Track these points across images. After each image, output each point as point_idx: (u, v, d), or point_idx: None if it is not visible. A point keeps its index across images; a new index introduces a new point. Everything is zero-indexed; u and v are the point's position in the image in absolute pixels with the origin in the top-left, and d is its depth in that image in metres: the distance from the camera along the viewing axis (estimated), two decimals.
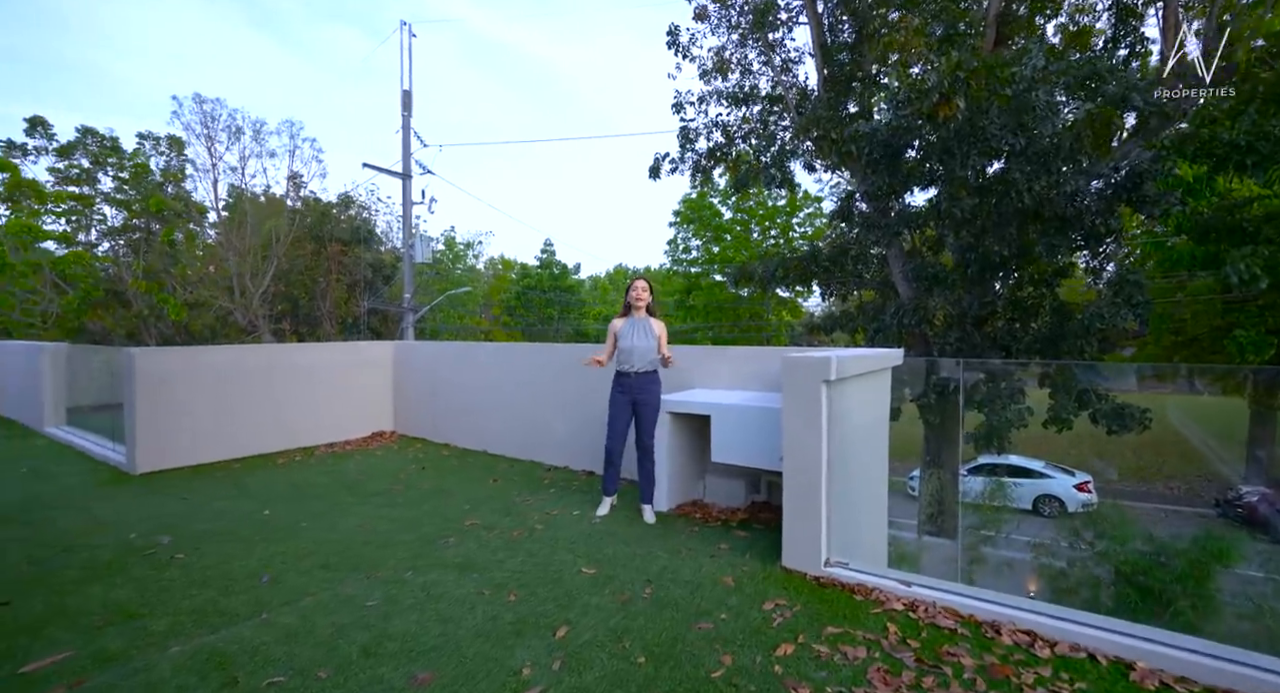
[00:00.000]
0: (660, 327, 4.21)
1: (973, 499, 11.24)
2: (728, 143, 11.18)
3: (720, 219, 28.12)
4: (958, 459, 10.49)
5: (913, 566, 8.60)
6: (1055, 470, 13.72)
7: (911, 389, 10.07)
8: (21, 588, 3.13)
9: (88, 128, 21.52)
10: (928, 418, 10.10)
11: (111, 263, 19.94)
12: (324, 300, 20.02)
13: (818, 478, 3.09)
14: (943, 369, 8.96)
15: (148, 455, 5.52)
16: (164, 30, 49.34)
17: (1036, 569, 9.86)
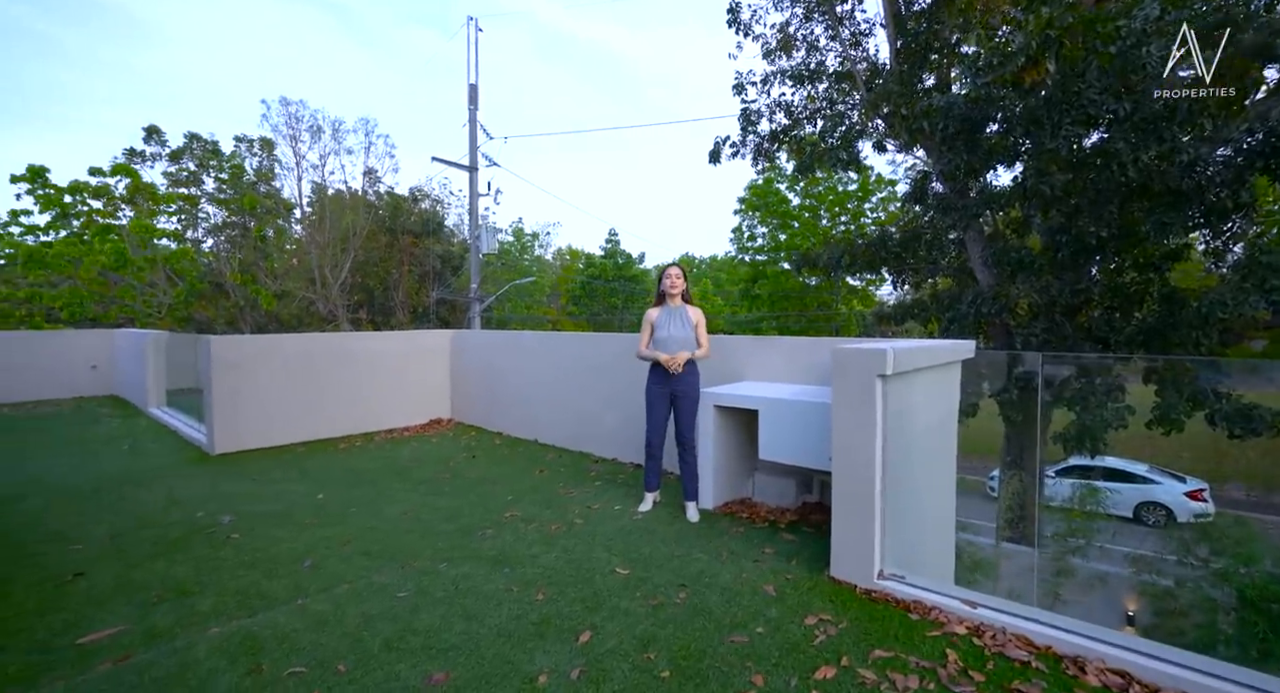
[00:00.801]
0: (697, 314, 4.01)
1: (1059, 503, 10.33)
2: (792, 124, 10.66)
3: (787, 205, 27.19)
4: (1039, 460, 9.66)
5: (988, 574, 7.99)
6: (1162, 475, 12.40)
7: (991, 383, 9.33)
8: (98, 561, 3.34)
9: (194, 134, 23.37)
10: (1008, 415, 9.33)
11: (213, 258, 21.62)
12: (397, 290, 20.92)
13: (870, 481, 2.81)
14: (1026, 362, 8.22)
15: (224, 437, 5.87)
16: (259, 38, 53.00)
17: (1135, 587, 8.94)
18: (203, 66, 53.44)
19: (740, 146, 10.76)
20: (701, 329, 3.97)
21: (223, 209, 23.60)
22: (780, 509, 4.03)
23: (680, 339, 3.90)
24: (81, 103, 52.81)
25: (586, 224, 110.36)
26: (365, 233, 20.38)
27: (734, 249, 29.55)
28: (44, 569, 3.24)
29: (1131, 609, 8.76)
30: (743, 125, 10.51)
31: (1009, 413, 9.44)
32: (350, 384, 6.73)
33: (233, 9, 52.77)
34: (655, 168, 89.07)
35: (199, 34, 52.26)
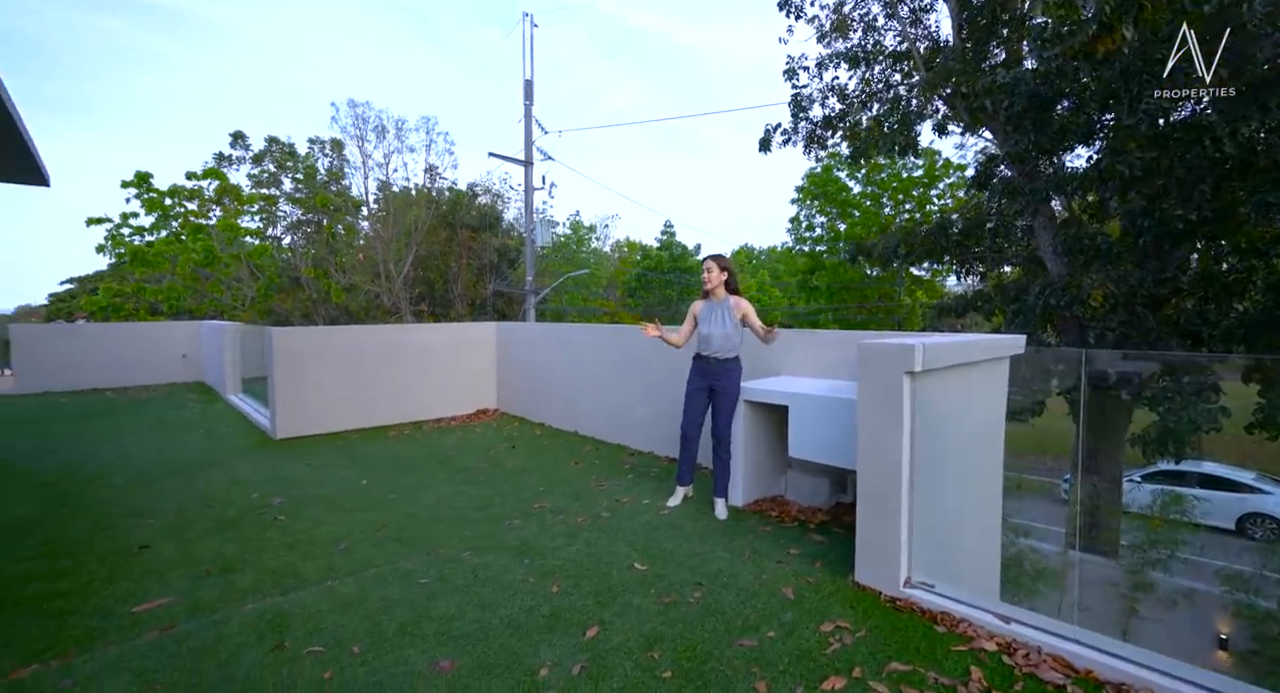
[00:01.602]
0: (742, 306, 3.83)
1: (1139, 510, 9.54)
2: (846, 109, 10.24)
3: (847, 193, 26.24)
4: (1119, 464, 8.94)
5: (1054, 584, 7.49)
6: (1273, 484, 11.22)
7: (1060, 381, 8.70)
8: (162, 535, 3.62)
9: (273, 137, 24.88)
10: (1080, 415, 8.68)
11: (289, 253, 23.01)
12: (456, 283, 21.61)
13: (896, 483, 2.67)
14: (1101, 358, 7.60)
15: (285, 423, 6.24)
16: (334, 42, 55.83)
17: (1230, 607, 8.15)
18: (283, 73, 56.85)
19: (791, 134, 10.44)
20: (751, 318, 3.77)
21: (298, 208, 25.04)
22: (812, 509, 3.90)
23: (720, 335, 3.79)
24: (180, 112, 57.27)
25: (645, 217, 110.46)
26: (426, 228, 21.14)
27: (791, 240, 28.81)
28: (117, 541, 3.54)
29: (1224, 632, 7.99)
30: (794, 112, 10.18)
31: (1081, 413, 8.79)
32: (401, 375, 7.00)
33: (311, 16, 55.76)
34: (714, 159, 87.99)
35: (280, 42, 55.54)
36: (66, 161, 62.93)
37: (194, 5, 57.15)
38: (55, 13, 55.29)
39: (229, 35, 53.58)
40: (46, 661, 2.31)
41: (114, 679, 2.17)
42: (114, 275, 22.74)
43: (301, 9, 57.84)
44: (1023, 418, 8.41)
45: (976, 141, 14.46)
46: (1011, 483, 8.30)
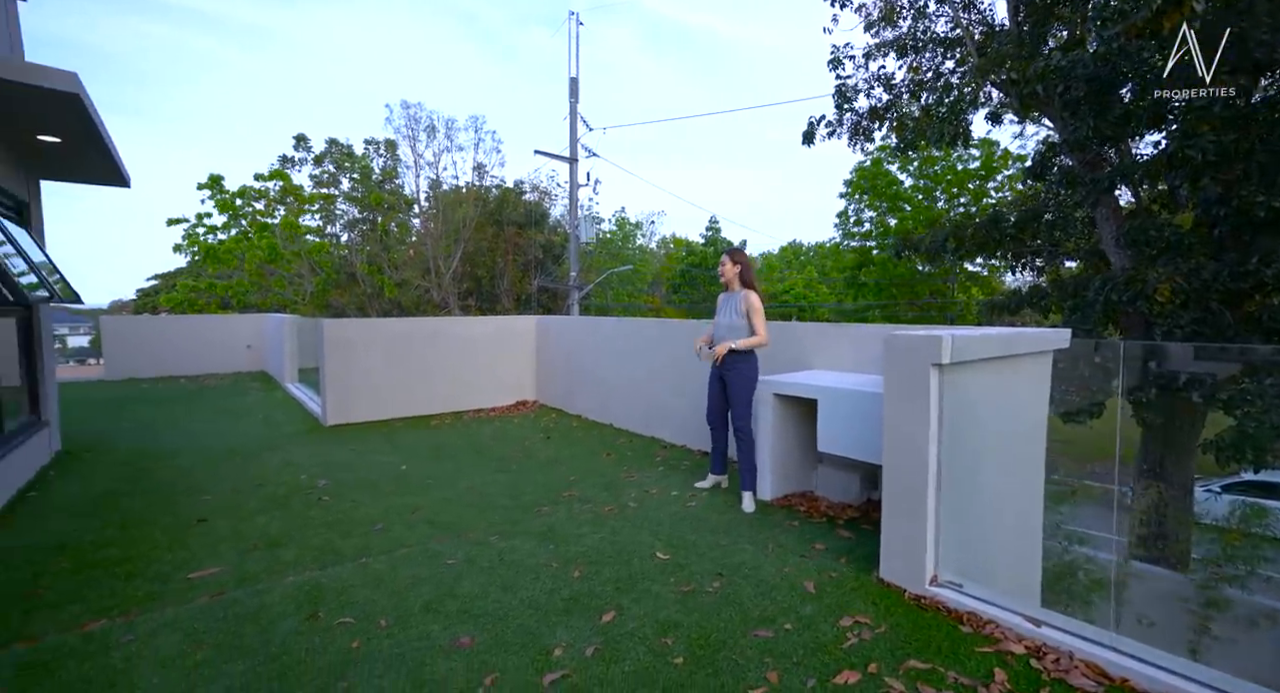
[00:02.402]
0: (749, 301, 3.84)
1: (1213, 522, 8.91)
2: (893, 99, 9.92)
3: (897, 187, 25.40)
4: (1190, 472, 8.37)
5: (1108, 595, 7.09)
6: None
7: (1124, 380, 8.20)
8: (219, 511, 3.87)
9: (333, 139, 26.00)
10: (1145, 418, 8.16)
11: (346, 250, 24.00)
12: (502, 279, 22.08)
13: (922, 478, 2.60)
14: (1170, 357, 7.13)
15: (334, 411, 6.54)
16: (388, 45, 57.84)
17: None
18: (344, 78, 59.25)
19: (836, 126, 10.18)
20: (755, 316, 3.82)
21: (354, 206, 26.08)
22: (842, 505, 3.83)
23: (725, 326, 3.91)
24: (252, 117, 60.46)
25: (691, 213, 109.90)
26: (474, 225, 21.67)
27: (839, 235, 28.13)
28: (179, 515, 3.81)
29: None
30: (838, 103, 9.93)
31: (1146, 415, 8.27)
32: (444, 365, 7.22)
33: (370, 23, 57.90)
34: (759, 154, 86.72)
35: (343, 50, 57.84)
36: (153, 166, 67.51)
37: (268, 20, 60.30)
38: (145, 30, 59.28)
39: (297, 46, 56.19)
40: (113, 617, 2.52)
41: (168, 637, 2.35)
42: (190, 272, 24.27)
43: (362, 18, 60.18)
44: (1080, 419, 7.98)
45: (1039, 130, 13.77)
46: (1065, 488, 7.90)
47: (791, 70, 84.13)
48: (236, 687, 2.04)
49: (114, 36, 66.33)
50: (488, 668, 2.14)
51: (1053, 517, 7.53)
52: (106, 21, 65.49)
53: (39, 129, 4.13)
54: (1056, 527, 7.34)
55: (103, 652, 2.26)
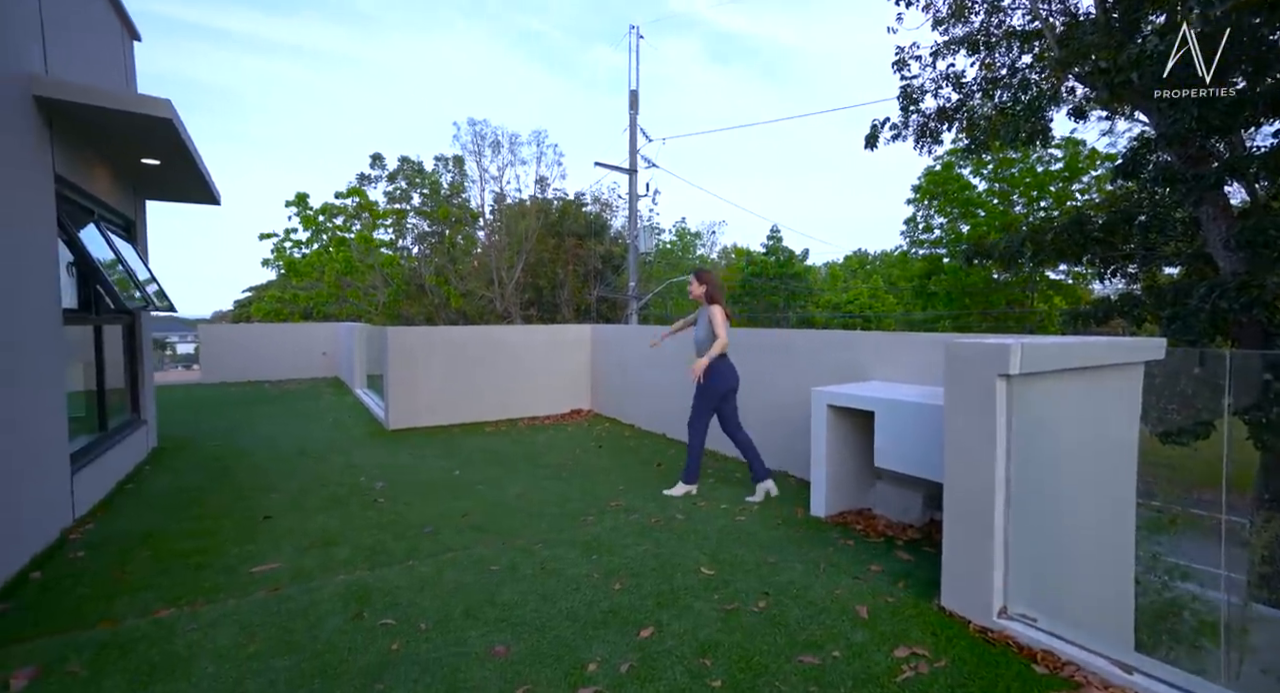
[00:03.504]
0: (710, 312, 4.16)
1: None
2: (963, 98, 9.44)
3: (970, 191, 24.16)
4: None
5: (1221, 641, 6.34)
6: None
7: (1238, 397, 7.38)
8: (284, 509, 4.07)
9: (405, 157, 27.40)
10: (1265, 440, 7.31)
11: (415, 262, 25.14)
12: (562, 289, 22.48)
13: (989, 499, 2.39)
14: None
15: (397, 416, 6.79)
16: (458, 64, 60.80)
17: None
18: (418, 97, 62.64)
19: (901, 128, 9.79)
20: (716, 322, 4.10)
21: (424, 220, 27.32)
22: (902, 525, 3.60)
23: (698, 339, 4.24)
24: (334, 137, 64.72)
25: (753, 223, 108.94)
26: (535, 236, 22.23)
27: (906, 243, 27.03)
28: (250, 510, 4.03)
29: None
30: (903, 105, 9.55)
31: (1266, 437, 7.40)
32: (500, 374, 7.38)
33: (441, 44, 61.06)
34: (822, 161, 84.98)
35: (418, 72, 61.21)
36: (251, 187, 73.58)
37: (353, 49, 64.74)
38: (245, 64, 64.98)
39: (378, 70, 60.00)
40: (182, 606, 2.67)
41: (226, 628, 2.46)
42: (279, 284, 26.07)
43: (437, 44, 63.53)
44: (1182, 440, 7.24)
45: (1131, 126, 12.76)
46: (1164, 515, 7.16)
47: (856, 75, 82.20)
48: (281, 682, 2.10)
49: (219, 70, 73.29)
50: (521, 679, 2.11)
51: (1148, 547, 6.83)
52: (213, 57, 72.38)
53: (142, 153, 4.53)
54: (1153, 559, 6.64)
55: (169, 639, 2.38)
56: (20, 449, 3.13)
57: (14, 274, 3.15)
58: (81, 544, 3.42)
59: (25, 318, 3.24)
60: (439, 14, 65.75)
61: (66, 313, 3.79)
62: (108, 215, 4.90)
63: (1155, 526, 6.72)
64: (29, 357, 3.25)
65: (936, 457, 3.02)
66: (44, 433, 3.41)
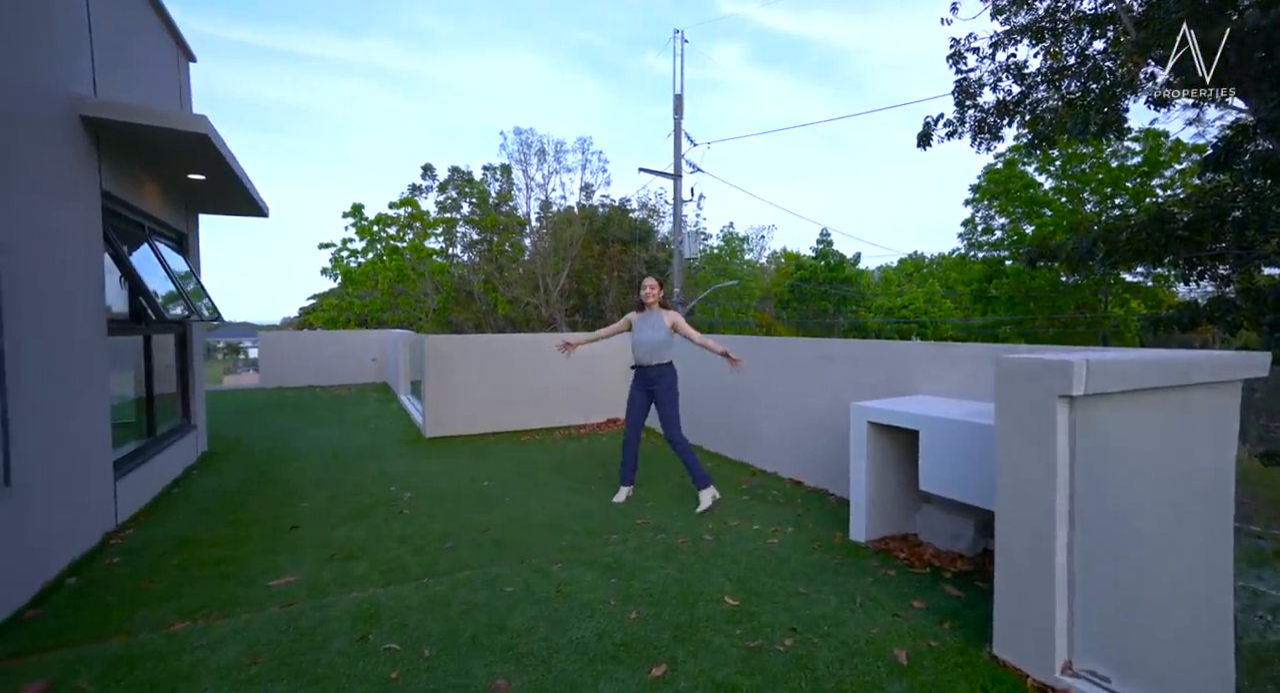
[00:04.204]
0: (671, 316, 4.24)
1: None
2: (1025, 90, 8.86)
3: (1034, 190, 22.84)
4: None
5: None
6: None
7: None
8: (312, 517, 4.08)
9: (455, 167, 28.16)
10: None
11: (464, 269, 25.74)
12: (607, 295, 22.52)
13: (1049, 536, 2.10)
14: None
15: (434, 423, 6.83)
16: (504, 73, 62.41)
17: None
18: (469, 109, 64.64)
19: (957, 124, 9.27)
20: (681, 325, 4.21)
21: (473, 228, 27.97)
22: (951, 554, 3.28)
23: (649, 341, 4.19)
24: (391, 149, 67.51)
25: (804, 227, 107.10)
26: (581, 243, 22.38)
27: (963, 245, 25.81)
28: (280, 519, 4.06)
29: None
30: (958, 100, 9.04)
31: None
32: (535, 381, 7.33)
33: (493, 58, 62.87)
34: (877, 164, 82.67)
35: (469, 84, 63.21)
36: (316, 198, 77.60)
37: (410, 65, 67.56)
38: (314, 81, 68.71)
39: (432, 84, 62.31)
40: (196, 619, 2.66)
41: (233, 646, 2.42)
42: (337, 292, 27.20)
43: (486, 57, 65.43)
44: None
45: (1222, 114, 11.69)
46: (1269, 546, 6.41)
47: (913, 74, 79.66)
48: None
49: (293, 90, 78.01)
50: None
51: (1249, 582, 6.12)
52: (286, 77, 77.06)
53: (187, 168, 4.70)
54: (1255, 596, 5.94)
55: (176, 655, 2.36)
56: (62, 456, 3.23)
57: (60, 288, 3.27)
58: (119, 550, 3.51)
59: (69, 330, 3.36)
60: (494, 29, 67.82)
61: (114, 323, 3.92)
62: (160, 230, 5.10)
63: (1257, 558, 6.03)
64: (72, 367, 3.36)
65: (988, 481, 2.72)
66: (87, 440, 3.52)
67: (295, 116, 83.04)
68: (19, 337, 2.85)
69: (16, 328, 2.83)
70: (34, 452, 2.96)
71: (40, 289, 3.08)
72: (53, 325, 3.19)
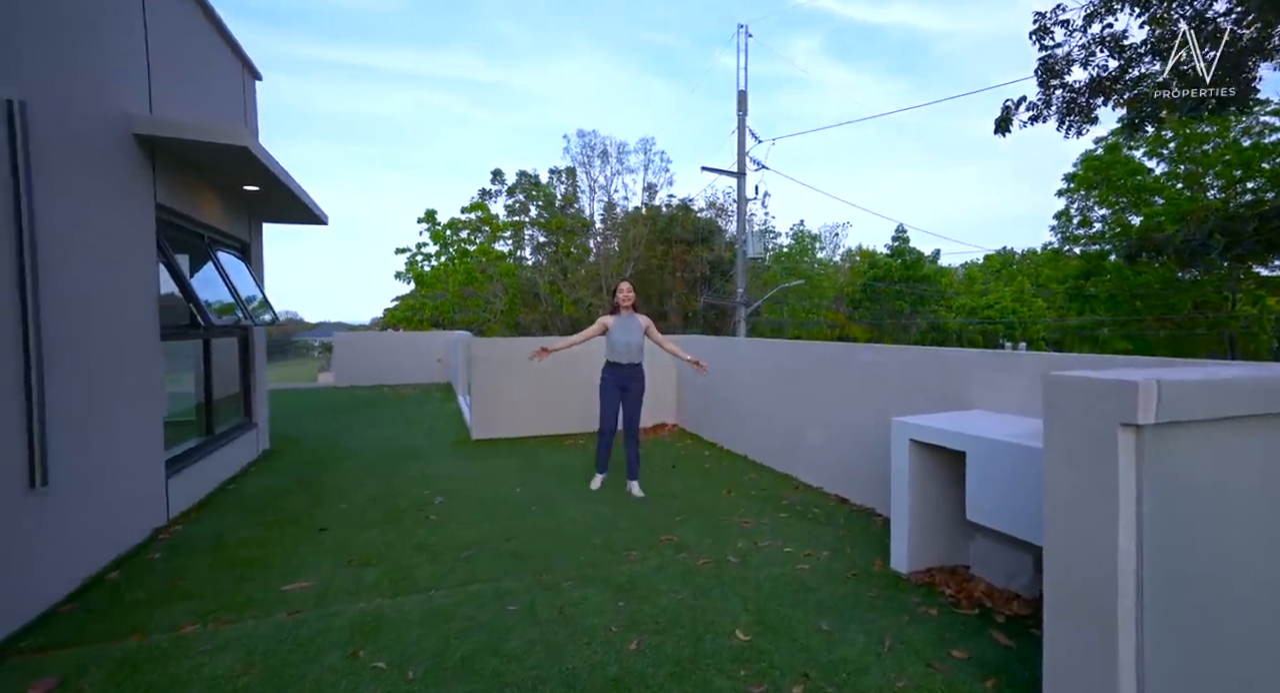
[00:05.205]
0: (645, 321, 4.68)
1: None
2: (1125, 63, 7.93)
3: (1142, 176, 20.63)
4: None
5: None
6: None
7: None
8: (343, 520, 4.15)
9: (523, 171, 28.88)
10: None
11: (531, 271, 26.32)
12: (670, 296, 22.34)
13: (1110, 585, 1.74)
14: None
15: (480, 426, 6.90)
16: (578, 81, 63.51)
17: None
18: (539, 114, 66.35)
19: (1041, 107, 8.43)
20: (653, 331, 4.69)
21: (540, 230, 28.55)
22: (1006, 594, 2.88)
23: (627, 343, 4.56)
24: (464, 153, 70.34)
25: (880, 224, 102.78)
26: (643, 243, 22.32)
27: (1056, 240, 23.74)
28: (314, 520, 4.16)
29: None
30: (1042, 79, 8.20)
31: None
32: (582, 384, 7.24)
33: (565, 65, 64.21)
34: (959, 156, 77.92)
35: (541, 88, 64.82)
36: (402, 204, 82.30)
37: (490, 76, 70.19)
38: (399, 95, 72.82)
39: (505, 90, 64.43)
40: (207, 622, 2.71)
41: (231, 653, 2.44)
42: (415, 294, 28.54)
43: (557, 60, 66.90)
44: None
45: None
46: None
47: (1001, 57, 74.49)
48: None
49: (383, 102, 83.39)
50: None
51: None
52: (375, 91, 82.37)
53: (241, 180, 4.93)
54: None
55: (179, 659, 2.40)
56: (111, 454, 3.42)
57: (113, 295, 3.47)
58: (164, 545, 3.69)
59: (122, 335, 3.56)
60: (566, 34, 69.28)
61: (168, 328, 4.15)
62: (221, 239, 5.40)
63: None
64: (123, 370, 3.56)
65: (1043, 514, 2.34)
66: (137, 439, 3.72)
67: (379, 127, 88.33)
68: (67, 340, 3.03)
69: (66, 332, 3.01)
70: (83, 450, 3.14)
71: (93, 296, 3.28)
72: (105, 330, 3.39)
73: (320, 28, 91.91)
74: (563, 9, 70.56)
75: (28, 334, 2.71)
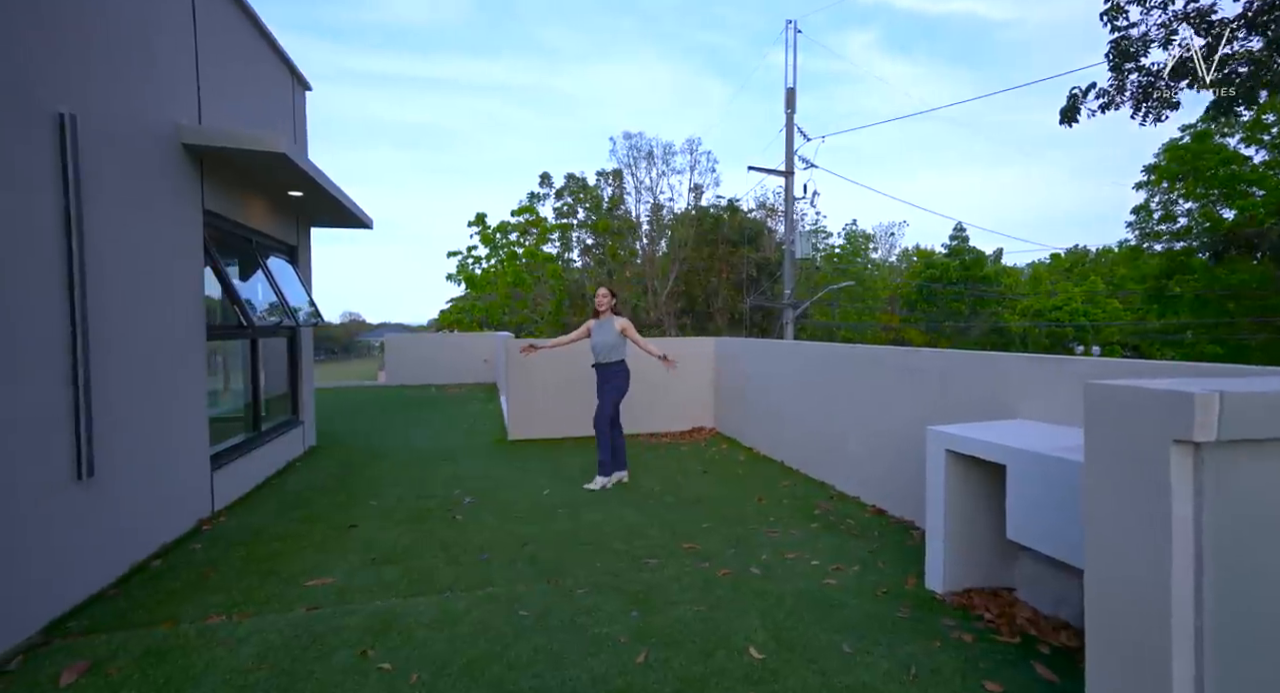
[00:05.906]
0: (622, 322, 4.96)
1: None
2: (1213, 41, 7.27)
3: (1237, 165, 18.96)
4: None
5: None
6: None
7: None
8: (373, 518, 4.23)
9: (571, 174, 29.21)
10: None
11: (578, 273, 26.56)
12: (716, 298, 22.10)
13: (1160, 624, 1.54)
14: None
15: (516, 426, 6.95)
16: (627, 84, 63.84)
17: None
18: (588, 116, 67.15)
19: (1113, 94, 7.84)
20: (629, 330, 4.97)
21: (587, 232, 28.79)
22: (1053, 621, 2.63)
23: (602, 344, 4.90)
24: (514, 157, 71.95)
25: (938, 223, 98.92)
26: (690, 245, 22.16)
27: (1135, 236, 22.13)
28: (346, 516, 4.26)
29: None
30: (1114, 64, 7.61)
31: None
32: None
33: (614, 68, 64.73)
34: (1020, 152, 73.97)
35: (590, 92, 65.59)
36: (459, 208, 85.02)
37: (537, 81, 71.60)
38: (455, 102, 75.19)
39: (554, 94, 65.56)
40: (232, 615, 2.79)
41: (249, 647, 2.49)
42: (464, 297, 29.29)
43: (607, 63, 67.52)
44: None
45: None
46: None
47: (1073, 43, 70.35)
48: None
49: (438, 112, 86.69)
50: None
51: None
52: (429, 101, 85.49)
53: (286, 186, 5.13)
54: None
55: (201, 650, 2.47)
56: (157, 449, 3.59)
57: (159, 296, 3.65)
58: (206, 537, 3.85)
59: (168, 334, 3.74)
60: (617, 37, 69.85)
61: (214, 328, 4.34)
62: (269, 243, 5.64)
63: None
64: (170, 368, 3.74)
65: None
66: (183, 434, 3.90)
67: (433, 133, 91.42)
68: (115, 340, 3.19)
69: (114, 333, 3.17)
70: (129, 444, 3.30)
71: (140, 298, 3.45)
72: (152, 330, 3.56)
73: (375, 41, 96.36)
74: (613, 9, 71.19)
75: (75, 335, 2.86)
